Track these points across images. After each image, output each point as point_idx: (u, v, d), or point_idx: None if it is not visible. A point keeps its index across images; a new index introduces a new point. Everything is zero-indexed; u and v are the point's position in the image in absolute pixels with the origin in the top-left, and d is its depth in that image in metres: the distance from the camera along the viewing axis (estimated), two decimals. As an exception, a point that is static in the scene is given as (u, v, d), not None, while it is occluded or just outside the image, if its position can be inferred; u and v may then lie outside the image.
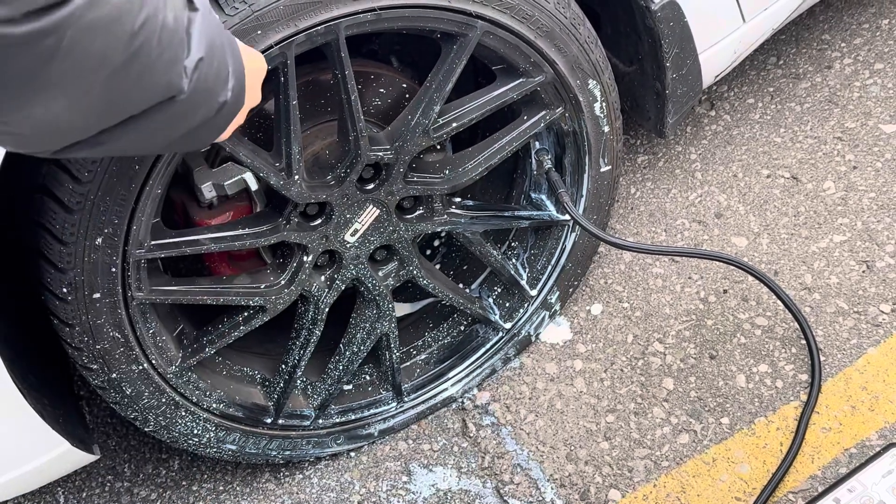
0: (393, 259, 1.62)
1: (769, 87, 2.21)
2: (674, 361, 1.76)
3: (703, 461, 1.63)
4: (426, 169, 1.55)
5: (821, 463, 1.58)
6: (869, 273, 1.80)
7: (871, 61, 2.18)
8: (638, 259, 1.94)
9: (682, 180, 2.07)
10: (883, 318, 1.73)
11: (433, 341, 1.82)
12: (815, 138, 2.06)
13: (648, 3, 1.57)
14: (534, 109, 1.57)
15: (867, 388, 1.65)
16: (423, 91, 1.43)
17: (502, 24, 1.41)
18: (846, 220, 1.90)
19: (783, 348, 1.74)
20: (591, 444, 1.68)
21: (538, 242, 1.77)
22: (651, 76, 1.73)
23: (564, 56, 1.49)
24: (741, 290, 1.84)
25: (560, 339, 1.85)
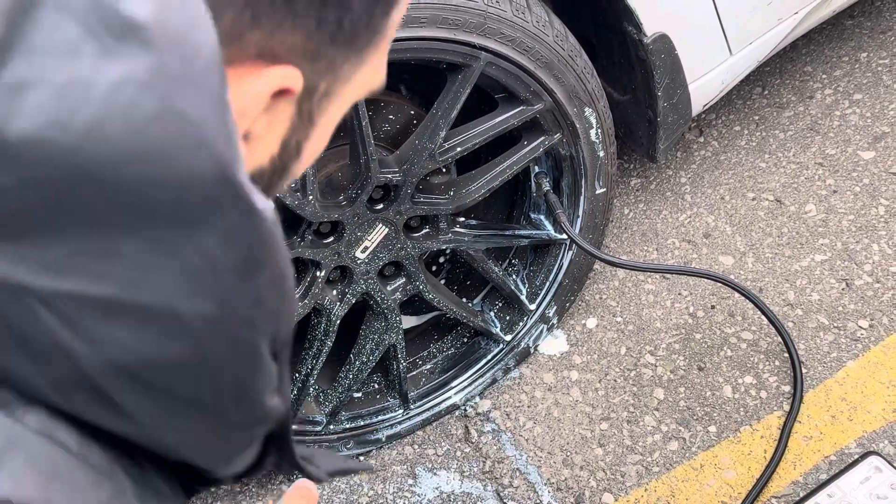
0: (400, 275, 1.65)
1: (755, 115, 2.26)
2: (664, 373, 1.80)
3: (692, 467, 1.66)
4: (432, 190, 1.56)
5: (802, 469, 1.61)
6: (848, 290, 1.84)
7: (851, 92, 2.23)
8: (631, 276, 1.98)
9: (673, 202, 2.12)
10: (861, 333, 1.77)
11: (438, 352, 1.85)
12: (798, 164, 2.11)
13: (641, 37, 1.58)
14: (533, 135, 1.59)
15: (846, 399, 1.68)
16: (430, 117, 1.45)
17: (504, 55, 1.42)
18: (827, 241, 1.94)
19: (767, 361, 1.77)
20: (586, 450, 1.72)
21: (537, 260, 1.79)
22: (643, 105, 1.74)
23: (562, 85, 1.52)
24: (728, 305, 1.88)
25: (557, 350, 1.88)
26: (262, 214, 0.45)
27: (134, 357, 0.45)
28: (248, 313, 0.47)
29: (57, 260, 0.41)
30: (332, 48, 0.53)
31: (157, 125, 0.40)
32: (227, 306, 0.46)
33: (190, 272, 0.44)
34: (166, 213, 0.42)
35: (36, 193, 0.39)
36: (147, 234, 0.42)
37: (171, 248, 0.43)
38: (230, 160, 0.43)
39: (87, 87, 0.39)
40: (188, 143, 0.41)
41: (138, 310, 0.44)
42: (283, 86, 0.52)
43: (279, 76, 0.51)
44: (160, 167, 0.41)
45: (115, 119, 0.39)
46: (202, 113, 0.41)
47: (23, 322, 0.42)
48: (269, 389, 0.53)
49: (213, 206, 0.43)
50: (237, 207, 0.44)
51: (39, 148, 0.38)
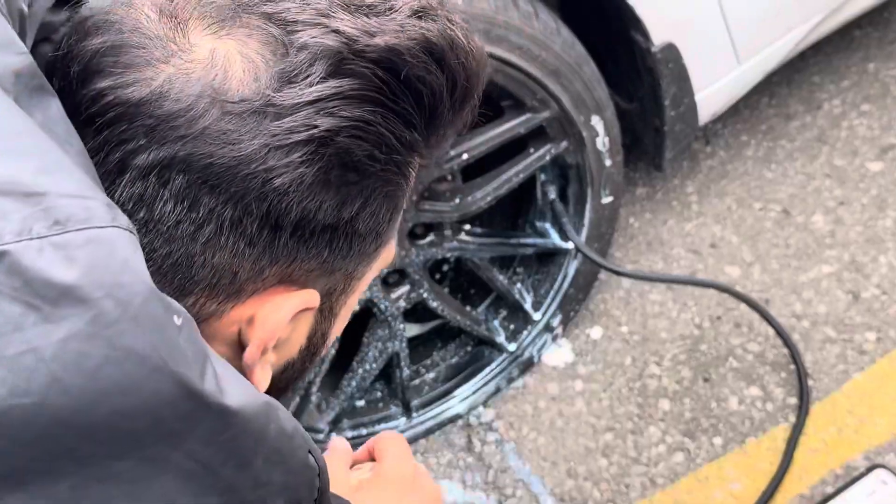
0: (404, 282, 1.64)
1: (762, 125, 2.25)
2: (669, 383, 1.79)
3: (697, 479, 1.65)
4: (437, 197, 1.56)
5: (808, 482, 1.59)
6: (855, 303, 1.83)
7: (858, 103, 2.23)
8: (636, 286, 1.97)
9: (679, 212, 2.11)
10: (868, 346, 1.75)
11: (441, 361, 1.84)
12: (805, 174, 2.10)
13: (648, 45, 1.58)
14: (540, 143, 1.59)
15: (853, 412, 1.67)
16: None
17: (511, 62, 1.42)
18: (834, 253, 1.93)
19: (773, 373, 1.76)
20: (590, 461, 1.71)
21: (542, 269, 1.79)
22: (650, 114, 1.74)
23: (569, 93, 1.52)
24: (734, 316, 1.87)
25: (561, 360, 1.87)
26: (236, 411, 0.48)
27: None
28: (255, 494, 0.51)
29: (63, 495, 0.44)
30: (345, 262, 0.60)
31: (109, 367, 0.43)
32: (233, 495, 0.50)
33: (187, 475, 0.47)
34: (146, 436, 0.45)
35: (26, 451, 0.43)
36: (135, 455, 0.45)
37: (163, 461, 0.46)
38: (188, 376, 0.46)
39: (35, 352, 0.42)
40: (144, 373, 0.44)
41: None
42: (302, 307, 0.60)
43: (297, 303, 0.59)
44: (126, 400, 0.44)
45: (70, 372, 0.43)
46: (149, 342, 0.44)
47: None
48: None
49: (186, 418, 0.46)
50: (209, 415, 0.47)
51: (7, 415, 0.42)
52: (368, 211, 0.58)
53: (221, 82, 0.52)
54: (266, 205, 0.54)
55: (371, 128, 0.54)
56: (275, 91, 0.53)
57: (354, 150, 0.54)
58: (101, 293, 0.44)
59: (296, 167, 0.53)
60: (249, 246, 0.55)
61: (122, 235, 0.46)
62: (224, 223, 0.54)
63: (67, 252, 0.44)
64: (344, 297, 0.65)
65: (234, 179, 0.53)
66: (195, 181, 0.53)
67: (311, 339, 0.66)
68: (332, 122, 0.53)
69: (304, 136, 0.53)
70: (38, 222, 0.44)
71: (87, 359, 0.43)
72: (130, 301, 0.44)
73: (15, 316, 0.42)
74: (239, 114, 0.52)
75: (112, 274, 0.44)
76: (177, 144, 0.52)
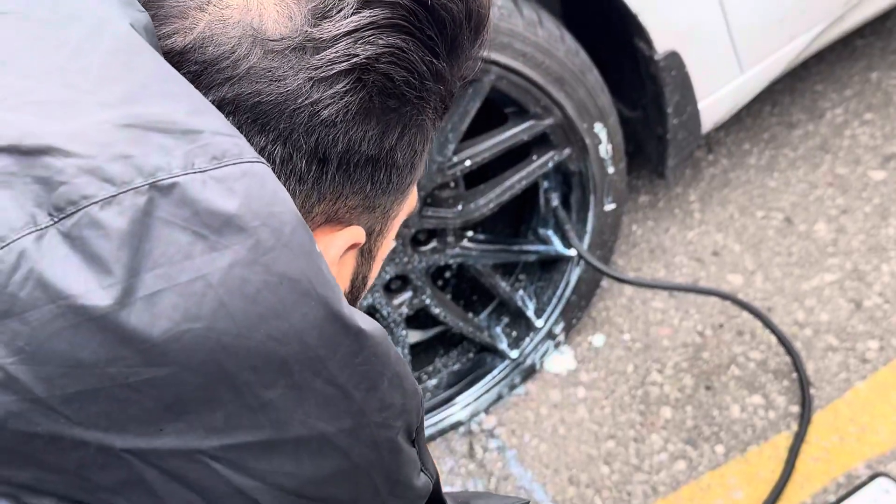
0: (407, 288, 1.64)
1: (764, 133, 2.26)
2: (671, 391, 1.79)
3: (699, 487, 1.65)
4: (440, 204, 1.56)
5: (810, 491, 1.59)
6: (858, 311, 1.83)
7: (861, 111, 2.23)
8: (639, 293, 1.97)
9: (682, 220, 2.11)
10: (871, 355, 1.75)
11: (443, 367, 1.84)
12: (808, 183, 2.10)
13: (652, 53, 1.58)
14: (543, 150, 1.59)
15: (855, 421, 1.67)
16: (439, 131, 1.44)
17: (515, 69, 1.43)
18: (836, 261, 1.93)
19: (776, 381, 1.76)
20: (592, 469, 1.71)
21: (545, 276, 1.79)
22: (653, 121, 1.75)
23: (573, 101, 1.52)
24: (736, 324, 1.87)
25: (564, 367, 1.87)
26: (369, 334, 0.51)
27: (297, 480, 0.51)
28: (380, 417, 0.54)
29: (218, 423, 0.47)
30: (384, 197, 0.63)
31: (266, 291, 0.47)
32: (363, 417, 0.53)
33: (326, 400, 0.51)
34: (295, 361, 0.48)
35: (189, 377, 0.46)
36: (284, 382, 0.48)
37: (307, 387, 0.49)
38: (332, 299, 0.49)
39: (204, 279, 0.45)
40: (295, 297, 0.48)
41: (292, 442, 0.50)
42: (350, 244, 0.63)
43: (347, 238, 0.62)
44: (279, 324, 0.47)
45: (234, 297, 0.46)
46: (299, 269, 0.48)
47: (199, 476, 0.48)
48: (415, 473, 0.59)
49: (329, 341, 0.49)
50: (348, 336, 0.50)
51: (180, 340, 0.45)
52: (406, 140, 0.61)
53: (259, 23, 0.55)
54: (314, 138, 0.56)
55: (405, 55, 0.56)
56: (312, 26, 0.55)
57: (394, 76, 0.57)
58: (257, 222, 0.47)
59: (340, 97, 0.55)
60: (300, 183, 0.57)
61: (268, 169, 0.49)
62: (276, 161, 0.56)
63: (227, 184, 0.47)
64: (381, 238, 0.68)
65: (283, 116, 0.55)
66: (245, 121, 0.55)
67: (354, 283, 0.68)
68: (371, 50, 0.55)
69: (345, 66, 0.55)
70: (198, 157, 0.47)
71: (248, 284, 0.46)
72: (282, 229, 0.47)
73: (185, 244, 0.45)
74: (280, 51, 0.54)
75: (266, 204, 0.47)
76: (224, 87, 0.54)
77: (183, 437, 0.47)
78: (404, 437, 0.57)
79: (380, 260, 0.70)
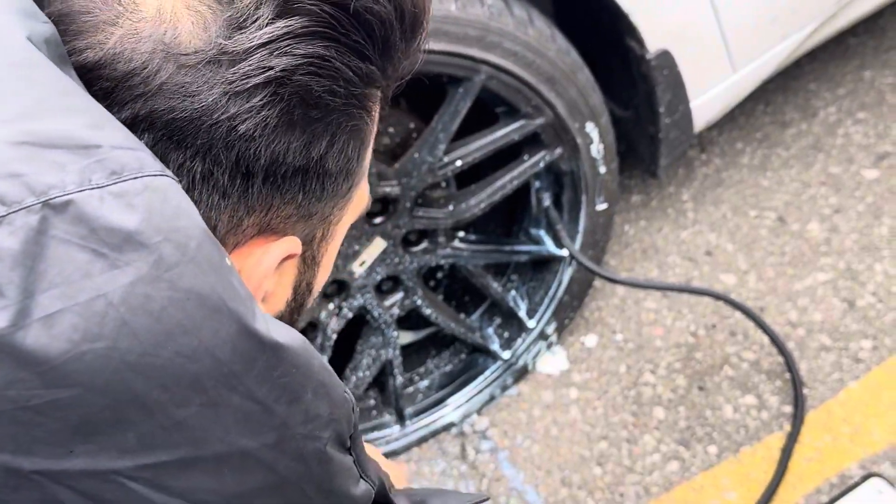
0: (398, 289, 1.64)
1: (757, 132, 2.25)
2: (664, 392, 1.79)
3: (692, 488, 1.64)
4: (431, 204, 1.56)
5: (803, 491, 1.59)
6: (851, 311, 1.83)
7: (854, 110, 2.23)
8: (631, 293, 1.97)
9: (674, 219, 2.11)
10: (864, 354, 1.75)
11: (435, 368, 1.84)
12: (801, 182, 2.10)
13: (643, 53, 1.58)
14: (534, 150, 1.58)
15: (848, 421, 1.66)
16: (430, 130, 1.45)
17: (506, 69, 1.42)
18: (830, 260, 1.93)
19: (768, 381, 1.76)
20: (585, 470, 1.71)
21: (537, 276, 1.79)
22: (645, 121, 1.74)
23: (564, 100, 1.51)
24: (729, 324, 1.87)
25: (556, 368, 1.87)
26: (287, 346, 0.51)
27: (221, 497, 0.51)
28: (306, 429, 0.53)
29: (130, 443, 0.47)
30: (320, 204, 0.62)
31: (172, 308, 0.46)
32: (286, 430, 0.52)
33: (245, 416, 0.50)
34: (208, 378, 0.48)
35: (94, 398, 0.45)
36: (198, 400, 0.48)
37: (223, 404, 0.49)
38: (245, 314, 0.48)
39: (105, 298, 0.44)
40: (204, 313, 0.47)
41: (212, 459, 0.49)
42: (285, 255, 0.61)
43: (281, 249, 0.61)
44: (188, 341, 0.46)
45: (137, 315, 0.45)
46: (208, 284, 0.47)
47: (116, 497, 0.48)
48: (351, 481, 0.58)
49: (244, 356, 0.49)
50: (264, 350, 0.49)
51: (81, 360, 0.44)
52: (336, 148, 0.59)
53: (172, 37, 0.53)
54: (234, 153, 0.55)
55: (326, 63, 0.55)
56: (226, 38, 0.53)
57: (313, 87, 0.55)
58: (160, 237, 0.46)
59: (258, 111, 0.54)
60: (224, 198, 0.56)
61: (172, 183, 0.48)
62: (195, 177, 0.55)
63: (126, 200, 0.46)
64: (324, 243, 0.67)
65: (199, 131, 0.54)
66: (160, 138, 0.54)
67: (297, 291, 0.68)
68: (287, 62, 0.54)
69: (261, 79, 0.53)
70: (95, 173, 0.46)
71: (151, 301, 0.45)
72: (187, 244, 0.47)
73: (83, 263, 0.44)
74: (194, 65, 0.53)
75: (168, 219, 0.47)
76: (137, 103, 0.53)
77: (95, 458, 0.46)
78: (335, 446, 0.56)
79: (326, 265, 0.69)
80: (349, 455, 0.58)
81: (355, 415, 0.58)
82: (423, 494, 0.71)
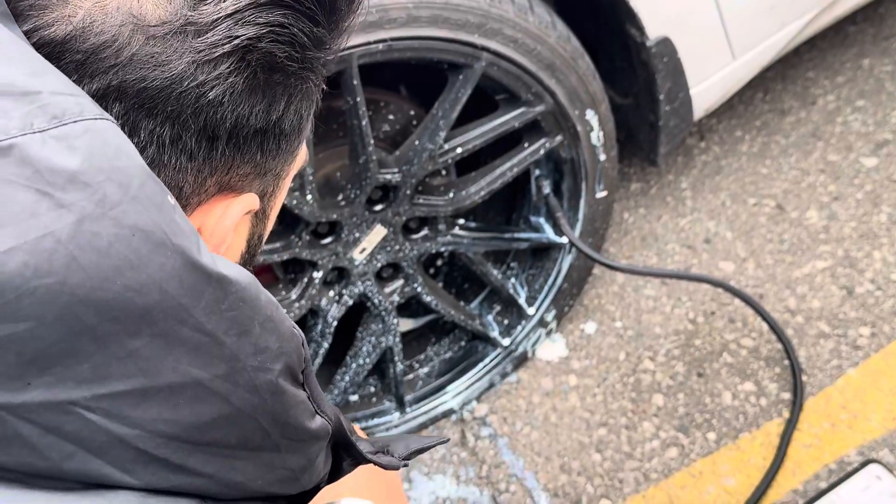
0: (398, 277, 1.64)
1: (756, 120, 2.25)
2: (663, 379, 1.79)
3: (690, 474, 1.65)
4: (431, 191, 1.56)
5: (802, 477, 1.60)
6: (849, 298, 1.83)
7: (853, 98, 2.23)
8: (630, 281, 1.97)
9: (673, 207, 2.11)
10: (862, 341, 1.76)
11: (435, 355, 1.84)
12: (800, 170, 2.11)
13: (643, 40, 1.58)
14: (534, 137, 1.58)
15: (846, 407, 1.67)
16: (430, 118, 1.45)
17: (506, 56, 1.42)
18: (828, 248, 1.93)
19: (767, 368, 1.76)
20: (584, 456, 1.71)
21: (536, 263, 1.79)
22: (645, 108, 1.74)
23: (564, 87, 1.51)
24: (728, 312, 1.87)
25: (555, 355, 1.87)
26: (233, 280, 0.53)
27: (177, 426, 0.52)
28: (256, 361, 0.55)
29: (86, 374, 0.49)
30: (274, 162, 0.66)
31: (119, 244, 0.48)
32: (237, 362, 0.54)
33: (196, 347, 0.51)
34: (157, 310, 0.49)
35: (47, 331, 0.47)
36: (149, 331, 0.49)
37: (173, 335, 0.50)
38: (189, 248, 0.51)
39: (53, 235, 0.46)
40: (149, 248, 0.49)
41: (166, 390, 0.51)
42: (246, 210, 0.65)
43: (243, 205, 0.64)
44: (135, 275, 0.48)
45: (85, 252, 0.47)
46: (151, 220, 0.49)
47: (76, 428, 0.49)
48: (306, 415, 0.60)
49: (191, 289, 0.50)
50: (210, 283, 0.51)
51: (33, 295, 0.46)
52: (292, 109, 0.64)
53: (138, 9, 0.55)
54: (202, 118, 0.58)
55: (285, 30, 0.58)
56: (191, 9, 0.56)
57: (276, 53, 0.58)
58: (102, 177, 0.48)
59: (226, 78, 0.57)
60: (190, 160, 0.59)
61: (111, 126, 0.50)
62: (164, 142, 0.57)
63: (68, 142, 0.48)
64: (273, 198, 0.71)
65: (169, 99, 0.56)
66: (132, 107, 0.56)
67: (250, 243, 0.72)
68: (253, 30, 0.57)
69: (228, 48, 0.56)
70: (37, 118, 0.48)
71: (98, 238, 0.47)
72: (129, 183, 0.49)
73: (30, 203, 0.46)
74: (162, 36, 0.55)
75: (109, 159, 0.49)
76: (109, 74, 0.55)
77: (52, 389, 0.48)
78: (287, 379, 0.58)
79: (272, 217, 0.73)
80: (303, 390, 0.60)
81: (305, 349, 0.60)
82: (385, 440, 0.73)
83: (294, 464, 0.61)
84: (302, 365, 0.60)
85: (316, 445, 0.63)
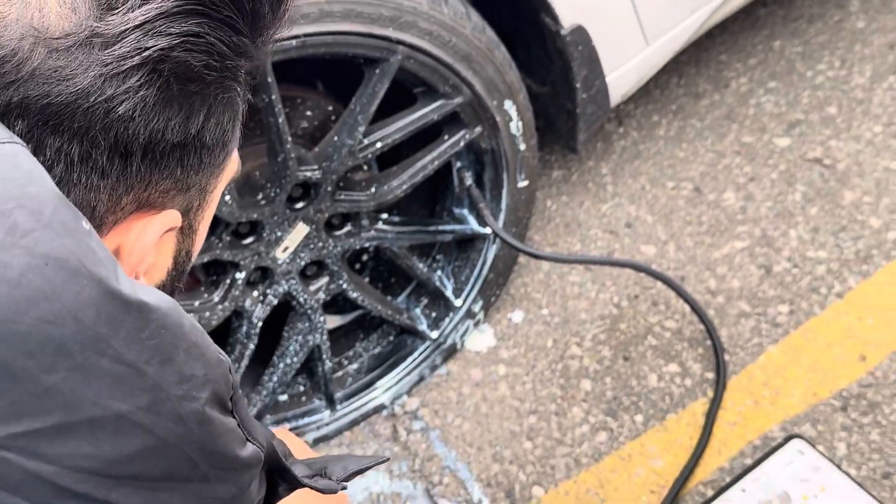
0: (323, 274, 1.63)
1: (672, 105, 2.29)
2: (590, 364, 1.81)
3: (620, 457, 1.67)
4: (353, 187, 1.55)
5: (728, 455, 1.62)
6: (768, 277, 1.87)
7: (765, 80, 2.27)
8: (555, 268, 1.98)
9: (595, 193, 2.13)
10: (781, 319, 1.79)
11: (364, 351, 1.83)
12: (716, 152, 2.14)
13: (558, 29, 1.58)
14: (454, 129, 1.59)
15: (768, 384, 1.70)
16: (348, 113, 1.44)
17: (422, 48, 1.42)
18: (746, 228, 1.97)
19: (691, 349, 1.79)
20: (515, 445, 1.72)
21: (461, 255, 1.79)
22: (562, 96, 1.75)
23: (481, 78, 1.51)
24: (651, 295, 1.90)
25: (484, 345, 1.88)
26: (154, 307, 0.51)
27: (99, 461, 0.50)
28: (181, 389, 0.53)
29: (1, 412, 0.46)
30: (198, 177, 0.63)
31: (31, 274, 0.46)
32: (160, 392, 0.51)
33: (116, 379, 0.49)
34: (73, 342, 0.47)
35: None
36: (65, 365, 0.47)
37: (92, 367, 0.48)
38: (106, 276, 0.48)
39: None
40: (64, 276, 0.47)
41: (86, 424, 0.49)
42: (166, 229, 0.62)
43: (162, 223, 0.62)
44: (49, 306, 0.46)
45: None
46: (65, 248, 0.47)
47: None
48: (236, 443, 0.58)
49: (109, 318, 0.48)
50: (129, 312, 0.49)
51: None
52: (213, 121, 0.60)
53: (40, 20, 0.52)
54: (112, 134, 0.55)
55: (201, 39, 0.55)
56: (97, 20, 0.53)
57: (191, 62, 0.55)
58: (12, 204, 0.46)
59: (136, 91, 0.54)
60: (103, 178, 0.56)
61: (21, 150, 0.48)
62: (73, 160, 0.54)
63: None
64: (200, 212, 0.67)
65: (76, 115, 0.53)
66: (35, 124, 0.53)
67: (177, 260, 0.69)
68: (164, 41, 0.54)
69: (137, 60, 0.53)
70: None
71: (9, 269, 0.45)
72: (42, 210, 0.47)
73: None
74: (66, 49, 0.52)
75: (20, 185, 0.47)
76: (9, 90, 0.52)
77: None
78: (215, 407, 0.56)
79: (202, 231, 0.70)
80: (232, 417, 0.58)
81: (233, 376, 0.58)
82: (323, 461, 0.71)
83: (224, 493, 0.59)
84: (230, 392, 0.57)
85: (248, 474, 0.61)
